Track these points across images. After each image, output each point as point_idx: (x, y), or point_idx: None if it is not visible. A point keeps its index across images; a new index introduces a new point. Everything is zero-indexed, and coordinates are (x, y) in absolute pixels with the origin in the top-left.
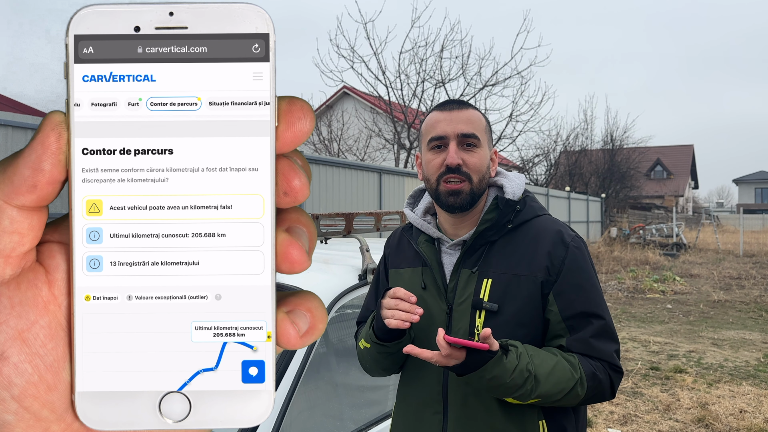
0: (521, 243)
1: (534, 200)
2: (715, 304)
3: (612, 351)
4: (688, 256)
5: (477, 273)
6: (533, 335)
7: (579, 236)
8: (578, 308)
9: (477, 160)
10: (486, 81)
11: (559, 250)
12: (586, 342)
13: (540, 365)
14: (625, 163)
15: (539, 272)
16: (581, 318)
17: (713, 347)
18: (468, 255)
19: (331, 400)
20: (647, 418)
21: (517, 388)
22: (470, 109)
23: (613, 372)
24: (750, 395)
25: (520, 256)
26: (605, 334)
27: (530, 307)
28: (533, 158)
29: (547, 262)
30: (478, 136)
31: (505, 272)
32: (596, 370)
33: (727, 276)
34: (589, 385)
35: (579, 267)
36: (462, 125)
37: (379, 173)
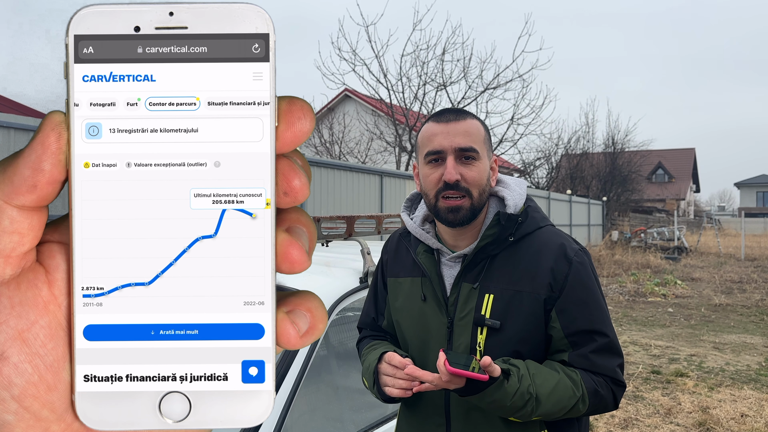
0: (523, 257)
1: (536, 210)
2: (717, 307)
3: (614, 366)
4: (689, 259)
5: (478, 288)
6: (535, 351)
7: (582, 249)
8: (581, 325)
9: (476, 174)
10: (487, 84)
11: (561, 266)
12: (588, 358)
13: (541, 385)
14: (626, 166)
15: (541, 289)
16: (584, 335)
17: (714, 351)
18: (469, 269)
19: (332, 403)
20: (648, 422)
21: (518, 410)
22: (467, 118)
23: (615, 386)
24: (751, 399)
25: (522, 271)
26: (608, 350)
27: (532, 324)
28: (534, 161)
29: (549, 278)
30: (476, 148)
31: (507, 288)
32: (598, 386)
33: (729, 280)
34: (591, 402)
35: (582, 283)
36: (459, 138)
37: (380, 176)
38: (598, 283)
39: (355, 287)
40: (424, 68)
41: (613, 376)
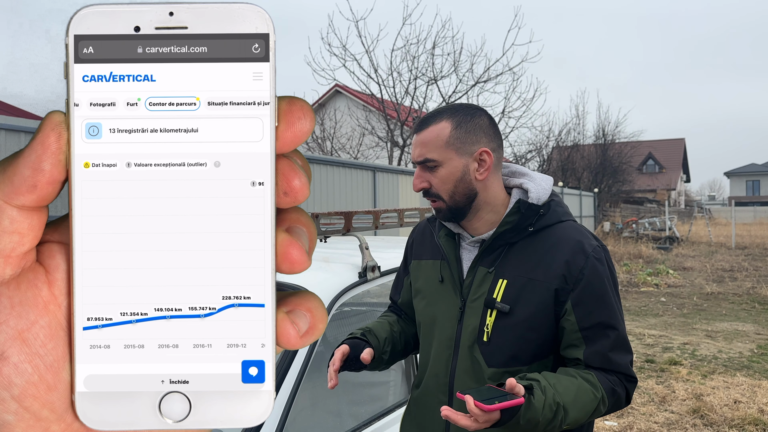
0: (540, 248)
1: (559, 205)
2: (709, 296)
3: (627, 362)
4: (681, 249)
5: (493, 272)
6: (543, 339)
7: (601, 246)
8: (596, 319)
9: (438, 180)
10: (478, 78)
11: (578, 260)
12: (605, 356)
13: (564, 393)
14: (617, 157)
15: (554, 280)
16: (598, 329)
17: (707, 339)
18: (486, 254)
19: (332, 398)
20: (643, 410)
21: (549, 423)
22: (431, 125)
23: (628, 383)
24: (744, 386)
25: (538, 261)
26: (621, 347)
27: (542, 313)
28: (526, 154)
29: (564, 270)
30: (431, 158)
31: (521, 275)
32: (614, 385)
33: (720, 268)
34: (610, 401)
35: (599, 278)
36: (418, 150)
37: (373, 171)
38: (615, 280)
39: (354, 282)
40: (415, 62)
41: (627, 373)
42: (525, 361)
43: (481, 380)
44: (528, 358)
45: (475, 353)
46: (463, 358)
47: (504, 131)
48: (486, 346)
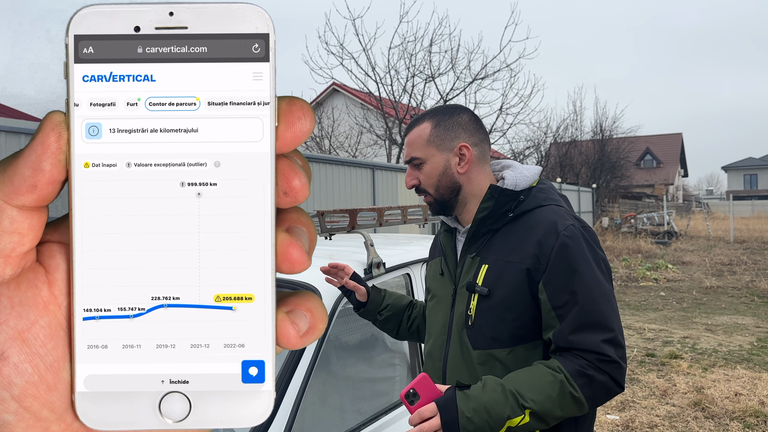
0: (518, 232)
1: (542, 191)
2: (708, 290)
3: (598, 341)
4: (679, 243)
5: (477, 258)
6: (522, 321)
7: (578, 225)
8: (565, 297)
9: (424, 177)
10: (475, 75)
11: (549, 239)
12: (564, 336)
13: (513, 377)
14: (615, 153)
15: (526, 260)
16: (568, 307)
17: (707, 333)
18: (472, 241)
19: (339, 393)
20: (644, 404)
21: (503, 405)
22: (416, 126)
23: (605, 364)
24: (744, 378)
25: (514, 244)
26: (591, 325)
27: (517, 293)
28: (524, 150)
29: (536, 250)
30: (416, 156)
31: (500, 259)
32: (582, 366)
33: (719, 262)
34: (582, 384)
35: (569, 255)
36: (407, 150)
37: (371, 169)
38: (598, 258)
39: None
40: (412, 60)
41: (598, 351)
42: (505, 343)
43: (469, 363)
44: (507, 340)
45: (463, 337)
46: (454, 343)
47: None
48: (470, 330)
